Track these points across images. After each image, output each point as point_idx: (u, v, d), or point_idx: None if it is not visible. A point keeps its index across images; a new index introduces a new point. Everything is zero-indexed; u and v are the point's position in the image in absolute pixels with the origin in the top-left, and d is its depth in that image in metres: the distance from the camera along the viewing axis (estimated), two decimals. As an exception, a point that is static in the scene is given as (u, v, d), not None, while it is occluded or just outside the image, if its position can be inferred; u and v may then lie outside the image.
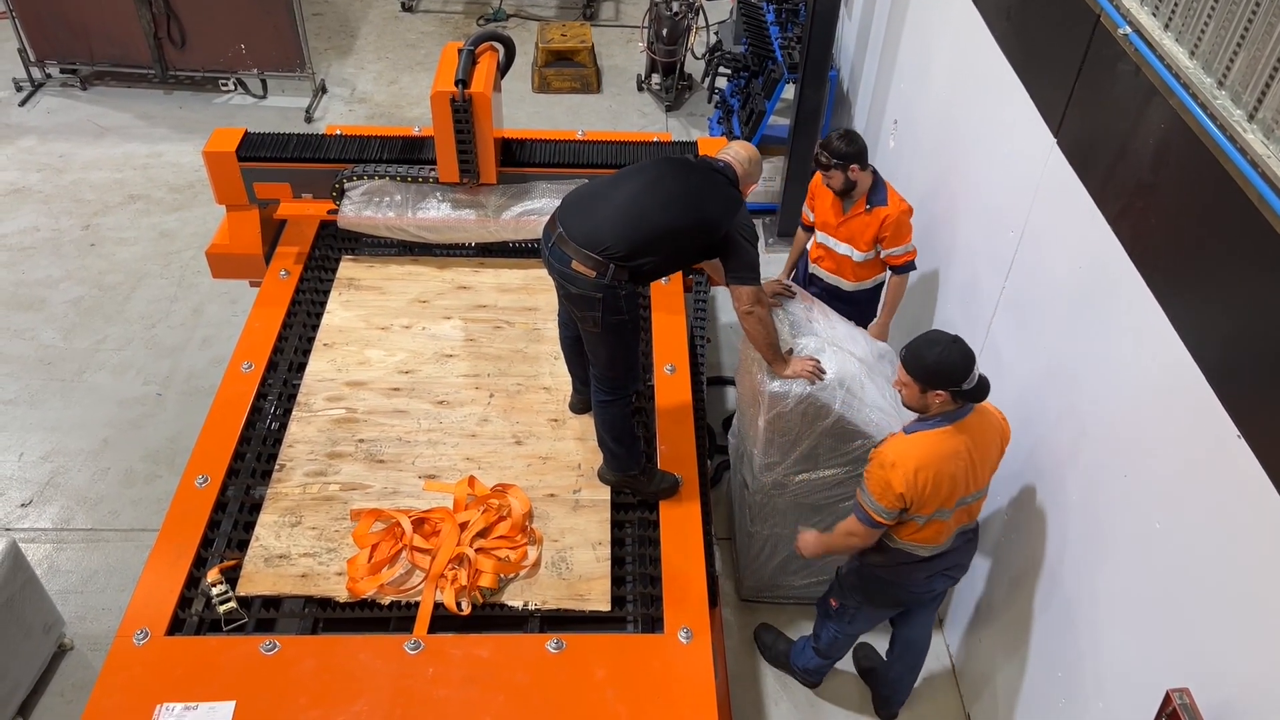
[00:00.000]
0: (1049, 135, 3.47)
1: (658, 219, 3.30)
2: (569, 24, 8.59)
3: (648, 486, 3.64)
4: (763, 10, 7.13)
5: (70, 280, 6.10)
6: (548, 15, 9.41)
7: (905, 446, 3.15)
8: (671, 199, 3.35)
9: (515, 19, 9.32)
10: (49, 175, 6.98)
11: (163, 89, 7.91)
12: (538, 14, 9.41)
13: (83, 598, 4.40)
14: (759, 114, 6.60)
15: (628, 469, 3.61)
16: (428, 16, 9.30)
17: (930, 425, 3.16)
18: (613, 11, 9.57)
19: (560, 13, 9.48)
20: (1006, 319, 3.86)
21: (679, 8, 7.68)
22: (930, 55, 4.97)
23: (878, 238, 4.38)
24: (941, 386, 3.06)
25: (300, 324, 4.33)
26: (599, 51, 8.61)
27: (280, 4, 7.33)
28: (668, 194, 3.36)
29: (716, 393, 5.49)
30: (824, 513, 3.98)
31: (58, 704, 4.04)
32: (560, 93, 8.25)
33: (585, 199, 3.40)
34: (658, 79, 8.21)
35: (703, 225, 3.35)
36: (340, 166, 4.49)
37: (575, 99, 8.21)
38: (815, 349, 3.71)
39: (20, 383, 5.40)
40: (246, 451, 3.76)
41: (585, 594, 3.33)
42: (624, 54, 8.88)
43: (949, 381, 3.05)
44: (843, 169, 4.24)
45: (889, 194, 4.37)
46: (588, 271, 3.23)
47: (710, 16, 8.13)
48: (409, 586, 3.30)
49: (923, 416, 3.19)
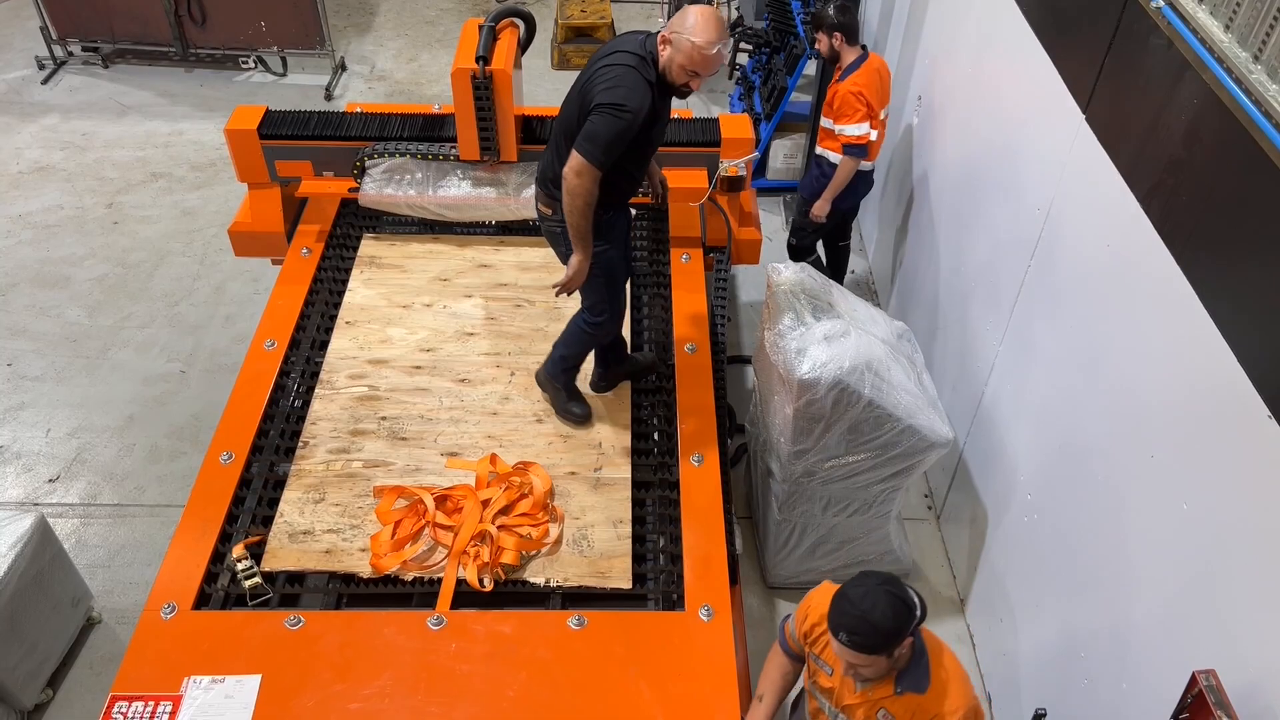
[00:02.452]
0: (1078, 111, 3.42)
1: (558, 127, 3.32)
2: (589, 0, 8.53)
3: (559, 402, 3.84)
4: (785, -15, 7.05)
5: (94, 258, 6.14)
6: (567, -9, 9.32)
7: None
8: (569, 99, 3.31)
9: (535, -5, 9.25)
10: (72, 153, 7.02)
11: (183, 67, 7.93)
12: (557, -10, 9.33)
13: (110, 572, 4.46)
14: (780, 90, 6.54)
15: (554, 376, 3.81)
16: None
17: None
18: (632, -13, 9.49)
19: (580, -11, 9.39)
20: (1032, 298, 3.82)
21: (700, -17, 7.59)
22: (955, 31, 4.90)
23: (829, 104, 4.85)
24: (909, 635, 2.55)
25: (322, 302, 4.35)
26: (619, 28, 8.54)
27: (300, -20, 7.32)
28: (569, 96, 3.31)
29: (736, 371, 5.48)
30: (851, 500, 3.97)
31: (86, 675, 4.10)
32: (580, 69, 8.19)
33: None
34: (678, 56, 8.13)
35: (581, 113, 3.20)
36: (361, 144, 4.49)
37: (595, 76, 8.15)
38: (840, 331, 3.68)
39: (47, 360, 5.46)
40: (270, 429, 3.78)
41: (606, 571, 3.34)
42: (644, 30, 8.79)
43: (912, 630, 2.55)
44: (828, 35, 4.79)
45: (858, 72, 4.79)
46: (545, 209, 3.37)
47: (731, -8, 8.05)
48: (432, 563, 3.32)
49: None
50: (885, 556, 4.40)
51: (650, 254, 4.73)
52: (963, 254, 4.60)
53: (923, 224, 5.28)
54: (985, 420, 4.25)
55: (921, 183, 5.31)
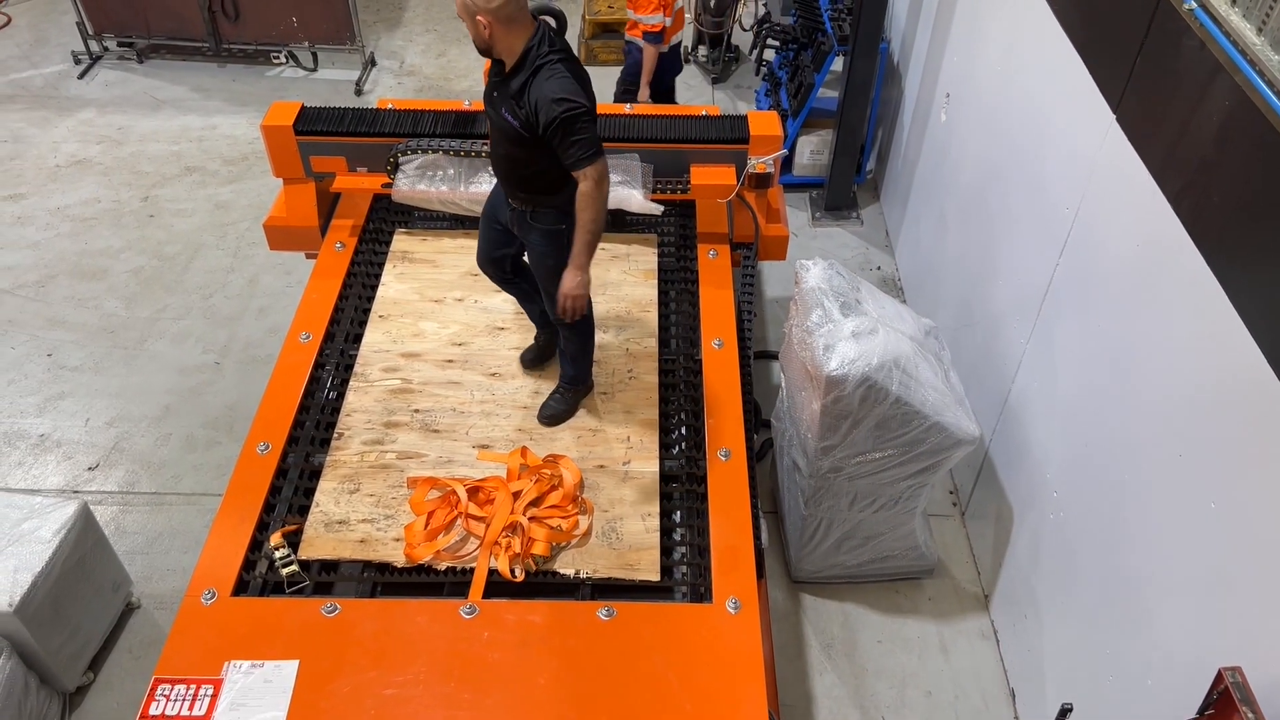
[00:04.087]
0: (1108, 111, 3.43)
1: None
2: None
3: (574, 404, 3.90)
4: (813, -19, 7.05)
5: (131, 250, 6.26)
6: (594, -14, 9.36)
7: None
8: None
9: (562, -10, 9.28)
10: (108, 147, 7.14)
11: (216, 62, 8.04)
12: (584, -15, 9.37)
13: (148, 558, 4.56)
14: (808, 86, 6.56)
15: (573, 392, 3.87)
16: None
17: None
18: (659, -18, 9.49)
19: (607, -16, 9.43)
20: (1060, 296, 3.83)
21: (727, -21, 7.62)
22: (984, 28, 4.90)
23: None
24: None
25: (356, 296, 4.42)
26: (646, 23, 8.57)
27: (331, -23, 7.40)
28: None
29: (762, 367, 5.51)
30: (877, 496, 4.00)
31: (126, 660, 4.21)
32: (607, 65, 8.23)
33: None
34: (704, 51, 8.16)
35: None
36: (394, 141, 4.55)
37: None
38: (868, 328, 3.71)
39: (85, 350, 5.58)
40: (306, 420, 3.86)
41: (635, 563, 3.39)
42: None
43: None
44: None
45: None
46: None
47: (758, -13, 8.06)
48: (464, 553, 3.39)
49: None
50: (910, 552, 4.43)
51: (678, 250, 4.77)
52: (990, 251, 4.61)
53: (950, 221, 5.29)
54: (1012, 417, 4.26)
55: (949, 179, 5.31)
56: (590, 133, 3.16)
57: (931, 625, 4.45)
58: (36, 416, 5.21)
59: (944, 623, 4.46)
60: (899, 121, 6.43)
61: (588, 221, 3.24)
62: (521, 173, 3.43)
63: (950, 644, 4.38)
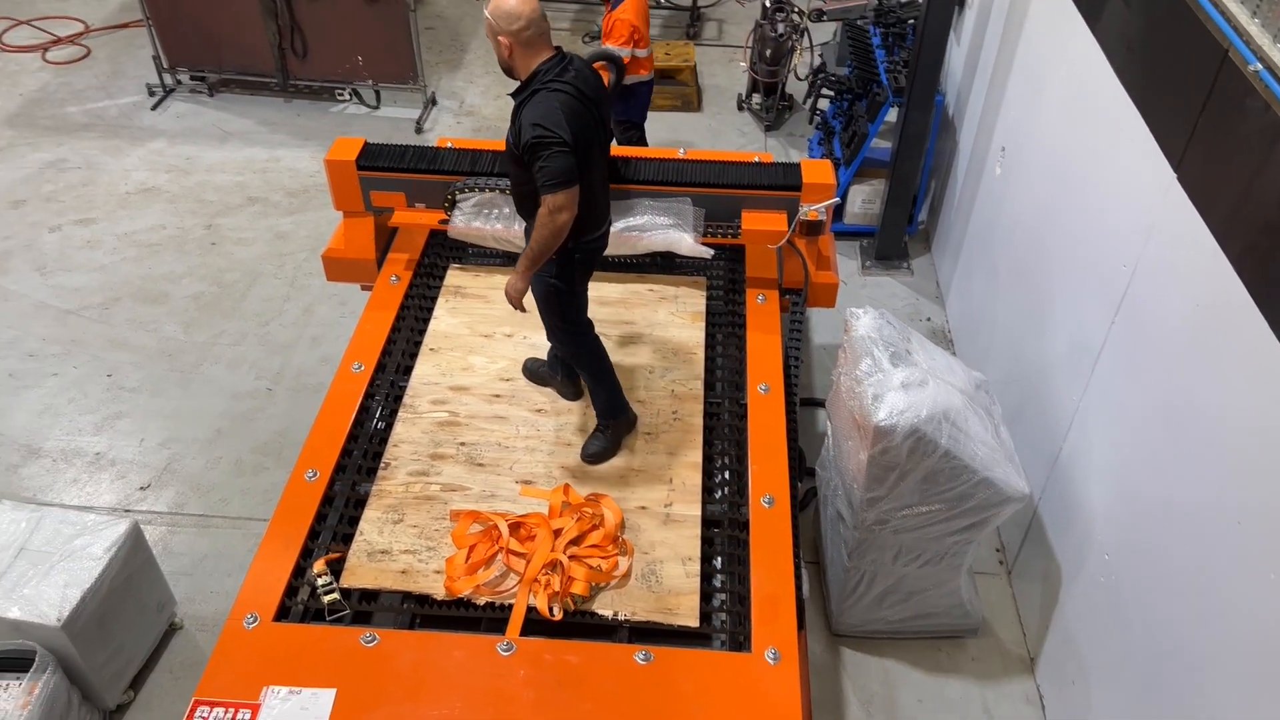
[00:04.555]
0: (1169, 170, 3.39)
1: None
2: (672, 43, 8.69)
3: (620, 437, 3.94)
4: (869, 34, 7.11)
5: (192, 276, 6.43)
6: (652, 34, 9.51)
7: None
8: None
9: (620, 36, 9.45)
10: (176, 176, 7.37)
11: (283, 97, 8.28)
12: (642, 32, 9.53)
13: (192, 580, 4.62)
14: (861, 136, 6.58)
15: (611, 422, 3.90)
16: (535, 32, 9.51)
17: None
18: (716, 31, 9.65)
19: (664, 31, 9.60)
20: (1116, 355, 3.77)
21: (783, 29, 7.71)
22: (1042, 83, 4.89)
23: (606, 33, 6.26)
24: None
25: (408, 328, 4.49)
26: (700, 70, 8.69)
27: (398, 19, 7.62)
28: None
29: (808, 414, 5.48)
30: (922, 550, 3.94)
31: (166, 680, 4.25)
32: (661, 110, 8.35)
33: None
34: (758, 98, 8.24)
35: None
36: (453, 178, 4.64)
37: (676, 117, 8.30)
38: (918, 379, 3.68)
39: (144, 372, 5.72)
40: (354, 449, 3.91)
41: (674, 608, 3.37)
42: (725, 73, 8.94)
43: None
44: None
45: (626, 2, 6.24)
46: None
47: (814, 38, 8.13)
48: (503, 589, 3.39)
49: None
50: (954, 610, 4.34)
51: (726, 294, 4.79)
52: (1043, 306, 4.56)
53: (1003, 274, 5.24)
54: (1062, 476, 4.18)
55: (1003, 232, 5.28)
56: (555, 163, 3.25)
57: (974, 687, 4.34)
58: (94, 435, 5.34)
59: (987, 685, 4.35)
60: (953, 173, 6.42)
61: (535, 240, 3.39)
62: (518, 190, 3.61)
63: (993, 707, 4.27)
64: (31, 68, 8.70)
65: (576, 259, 3.64)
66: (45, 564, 3.81)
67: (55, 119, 8.02)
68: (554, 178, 3.25)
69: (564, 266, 3.59)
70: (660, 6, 9.96)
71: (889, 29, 6.99)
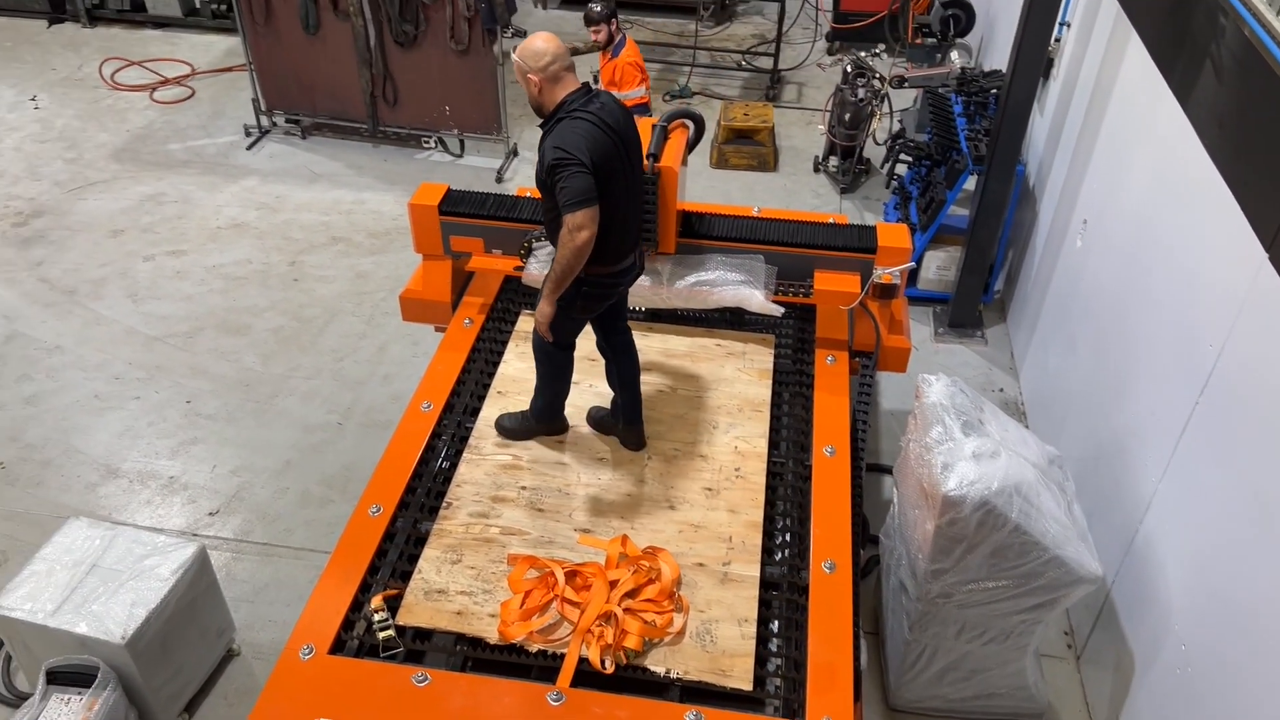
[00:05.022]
0: (1260, 250, 3.29)
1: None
2: (752, 104, 8.79)
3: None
4: (950, 101, 7.10)
5: (273, 310, 6.63)
6: (731, 94, 9.66)
7: None
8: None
9: (700, 96, 9.62)
10: (265, 213, 7.65)
11: (371, 142, 8.57)
12: (722, 93, 9.68)
13: (253, 607, 4.69)
14: (938, 203, 6.54)
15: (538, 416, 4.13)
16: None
17: None
18: (795, 94, 9.74)
19: (744, 92, 9.72)
20: (1199, 437, 3.64)
21: (864, 94, 7.75)
22: (1129, 157, 4.81)
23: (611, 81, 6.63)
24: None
25: (478, 371, 4.55)
26: (778, 131, 8.76)
27: (485, 72, 7.86)
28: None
29: (873, 480, 5.38)
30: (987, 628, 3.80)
31: (220, 706, 4.30)
32: (737, 169, 8.42)
33: None
34: (835, 161, 8.27)
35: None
36: (529, 227, 4.73)
37: (751, 176, 8.37)
38: (989, 450, 3.59)
39: (221, 400, 5.89)
40: (418, 486, 3.95)
41: (728, 670, 3.31)
42: (803, 135, 9.00)
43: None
44: (607, 24, 6.51)
45: (626, 48, 6.64)
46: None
47: (894, 104, 8.15)
48: (556, 637, 3.37)
49: None
50: (1018, 692, 4.17)
51: (795, 353, 4.77)
52: (1123, 383, 4.43)
53: (1081, 347, 5.12)
54: (1138, 559, 4.02)
55: (1082, 306, 5.17)
56: (574, 183, 3.37)
57: (1037, 775, 4.15)
58: (169, 459, 5.50)
59: (1051, 774, 4.16)
60: (1031, 244, 6.33)
61: (558, 260, 3.50)
62: (548, 218, 3.73)
63: (1057, 798, 4.08)
64: (139, 106, 9.17)
65: (583, 289, 3.69)
66: (115, 582, 3.91)
67: (157, 155, 8.41)
68: (573, 196, 3.37)
69: (568, 290, 3.64)
70: (741, 69, 10.12)
71: (971, 97, 6.98)
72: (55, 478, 5.37)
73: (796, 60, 10.13)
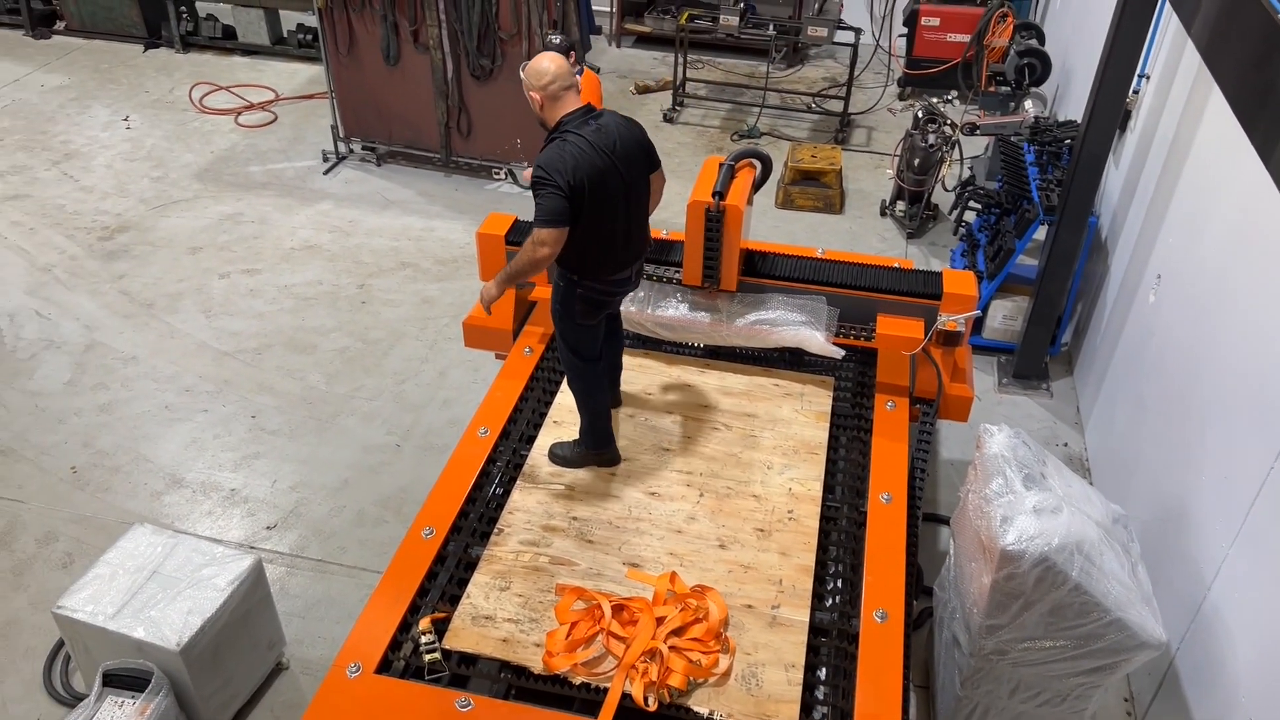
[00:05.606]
0: (1345, 311, 3.18)
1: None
2: (820, 146, 8.80)
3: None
4: (1023, 150, 7.03)
5: (340, 331, 6.78)
6: (799, 136, 9.69)
7: None
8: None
9: (768, 136, 9.66)
10: (338, 237, 7.86)
11: (443, 171, 8.77)
12: (790, 134, 9.71)
13: (304, 623, 4.75)
14: (1007, 251, 6.45)
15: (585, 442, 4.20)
16: (686, 129, 9.82)
17: None
18: (864, 138, 9.73)
19: (813, 135, 9.74)
20: (1274, 503, 3.50)
21: (934, 140, 7.70)
22: (1206, 212, 4.70)
23: None
24: None
25: (535, 399, 4.59)
26: (845, 174, 8.75)
27: (557, 106, 8.01)
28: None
29: (929, 530, 5.27)
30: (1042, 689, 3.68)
31: (266, 718, 4.35)
32: (803, 210, 8.42)
33: None
34: (902, 206, 8.21)
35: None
36: (593, 259, 4.78)
37: (816, 218, 8.35)
38: (1051, 505, 3.50)
39: (285, 416, 6.02)
40: (471, 511, 3.99)
41: (772, 715, 3.25)
42: (870, 178, 8.97)
43: None
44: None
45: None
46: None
47: (965, 151, 8.09)
48: (600, 671, 3.35)
49: None
50: (1074, 759, 4.02)
51: (854, 396, 4.72)
52: (1193, 443, 4.30)
53: (1149, 405, 4.98)
54: (1205, 627, 3.87)
55: (1152, 363, 5.03)
56: (546, 202, 3.55)
57: None
58: (232, 471, 5.63)
59: None
60: (1101, 297, 6.20)
61: (515, 262, 3.74)
62: None
63: None
64: (224, 129, 9.52)
65: (579, 293, 3.87)
66: (173, 589, 4.00)
67: (238, 176, 8.71)
68: (542, 215, 3.57)
69: (566, 297, 3.89)
70: (810, 111, 10.14)
71: (1044, 147, 6.90)
72: (123, 484, 5.54)
73: (867, 104, 10.13)
